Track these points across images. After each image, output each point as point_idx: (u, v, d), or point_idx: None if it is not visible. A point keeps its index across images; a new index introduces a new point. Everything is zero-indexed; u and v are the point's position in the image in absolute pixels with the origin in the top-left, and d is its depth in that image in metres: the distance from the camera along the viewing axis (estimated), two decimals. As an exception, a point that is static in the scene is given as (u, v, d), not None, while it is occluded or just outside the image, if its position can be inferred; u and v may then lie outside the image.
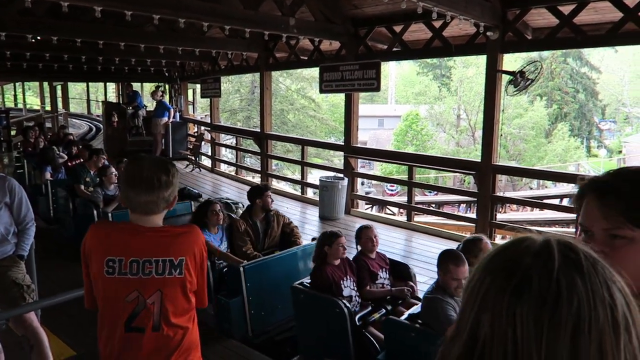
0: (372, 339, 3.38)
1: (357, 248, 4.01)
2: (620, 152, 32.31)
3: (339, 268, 3.70)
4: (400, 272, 4.07)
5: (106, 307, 1.81)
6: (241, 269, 3.96)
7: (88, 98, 23.71)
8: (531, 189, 25.20)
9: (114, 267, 1.74)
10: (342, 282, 3.63)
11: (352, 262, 3.86)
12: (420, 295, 3.87)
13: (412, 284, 3.94)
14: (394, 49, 7.43)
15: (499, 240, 6.43)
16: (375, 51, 7.74)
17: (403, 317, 3.13)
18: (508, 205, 16.19)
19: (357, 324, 3.42)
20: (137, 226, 1.80)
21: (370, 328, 3.47)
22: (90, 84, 22.90)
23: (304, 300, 3.67)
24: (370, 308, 3.67)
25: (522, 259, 0.64)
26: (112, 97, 23.17)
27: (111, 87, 23.99)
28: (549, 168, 22.41)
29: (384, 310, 3.63)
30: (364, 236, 3.95)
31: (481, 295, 0.64)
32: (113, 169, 6.12)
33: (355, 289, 3.74)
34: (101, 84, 21.97)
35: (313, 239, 4.66)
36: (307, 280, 3.78)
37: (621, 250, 0.89)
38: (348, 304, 3.43)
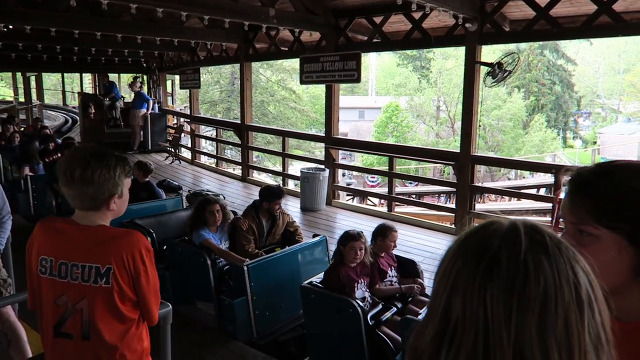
0: (386, 339, 3.23)
1: (370, 243, 3.78)
2: (595, 142, 33.07)
3: (354, 270, 3.50)
4: (407, 269, 3.95)
5: (41, 308, 1.74)
6: (245, 268, 3.77)
7: (63, 89, 23.18)
8: (509, 179, 25.59)
9: (46, 267, 1.69)
10: (355, 285, 3.48)
11: (368, 265, 3.62)
12: (429, 292, 3.81)
13: (420, 280, 3.84)
14: (374, 40, 7.43)
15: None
16: (355, 42, 7.74)
17: (421, 317, 2.99)
18: (487, 195, 16.47)
19: (370, 323, 3.25)
20: (74, 225, 1.72)
21: (383, 328, 3.32)
22: (65, 74, 22.40)
23: (315, 301, 3.49)
24: (380, 306, 3.51)
25: (490, 242, 0.66)
26: (89, 88, 22.72)
27: (87, 78, 23.52)
28: (526, 159, 22.78)
29: (394, 309, 3.51)
30: (390, 239, 3.76)
31: (452, 278, 0.67)
32: None
33: (368, 290, 3.59)
34: (77, 75, 21.50)
35: (314, 236, 4.63)
36: (315, 279, 3.62)
37: (589, 247, 0.86)
38: (361, 304, 3.29)
